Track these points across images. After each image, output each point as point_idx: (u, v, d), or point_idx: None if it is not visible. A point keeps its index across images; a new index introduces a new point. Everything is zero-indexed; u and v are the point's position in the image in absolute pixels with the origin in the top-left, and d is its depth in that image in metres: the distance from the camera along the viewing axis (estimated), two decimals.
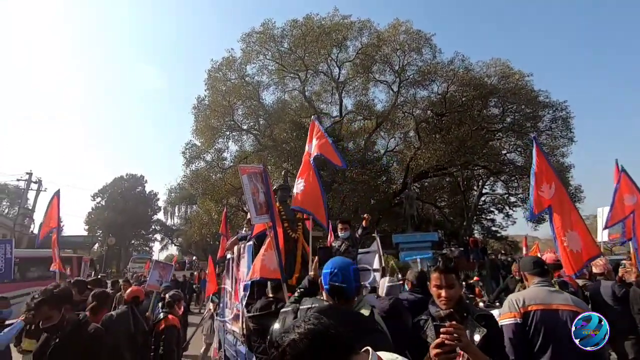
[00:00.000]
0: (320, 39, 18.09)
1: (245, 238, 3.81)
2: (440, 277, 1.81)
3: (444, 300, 1.79)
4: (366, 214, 4.49)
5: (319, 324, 0.93)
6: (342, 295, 1.74)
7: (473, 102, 18.14)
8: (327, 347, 0.89)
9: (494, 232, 27.00)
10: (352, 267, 1.82)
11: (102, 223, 48.53)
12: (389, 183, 20.10)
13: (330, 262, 1.83)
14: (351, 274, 1.78)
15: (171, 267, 6.35)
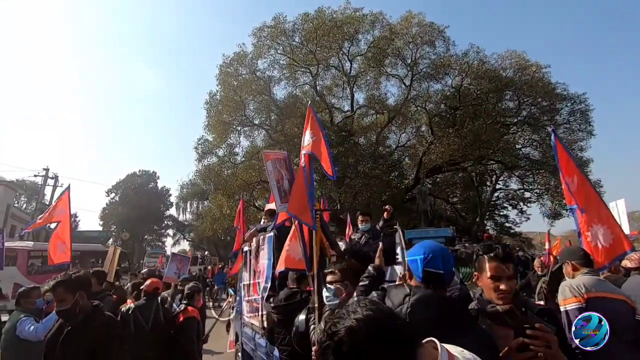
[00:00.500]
0: (331, 32, 17.91)
1: (265, 230, 3.75)
2: (499, 267, 1.55)
3: (503, 294, 1.53)
4: (388, 205, 4.39)
5: (378, 310, 0.82)
6: (440, 283, 1.56)
7: (488, 96, 17.77)
8: (389, 338, 0.78)
9: (507, 228, 26.55)
10: (448, 251, 1.66)
11: (117, 218, 49.41)
12: (401, 178, 19.89)
13: (420, 246, 1.65)
14: (450, 260, 1.62)
15: (188, 260, 6.38)
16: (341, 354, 0.76)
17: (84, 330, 2.07)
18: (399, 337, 0.81)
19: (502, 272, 1.55)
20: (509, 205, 25.10)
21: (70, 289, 2.14)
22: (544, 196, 20.14)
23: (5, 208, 30.80)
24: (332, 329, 0.81)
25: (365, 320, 0.79)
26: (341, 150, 16.93)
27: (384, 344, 0.78)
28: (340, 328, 0.79)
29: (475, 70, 17.67)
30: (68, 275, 2.21)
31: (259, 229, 3.89)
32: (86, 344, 2.02)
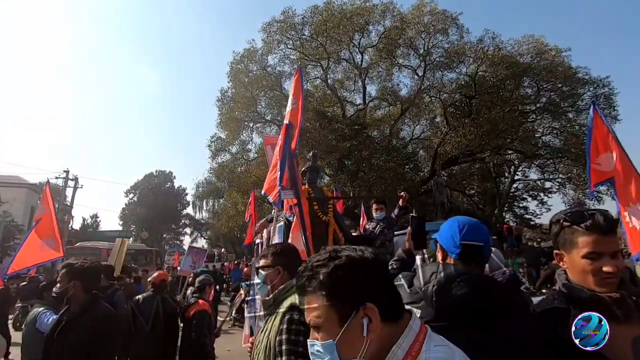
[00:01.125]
0: (341, 24, 17.67)
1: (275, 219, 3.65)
2: (600, 241, 1.15)
3: (609, 278, 1.15)
4: (403, 192, 4.20)
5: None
6: (480, 258, 1.35)
7: (505, 83, 17.20)
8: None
9: (527, 220, 25.83)
10: (481, 223, 1.44)
11: (136, 218, 50.66)
12: (416, 171, 19.55)
13: (452, 220, 1.45)
14: (485, 231, 1.40)
15: (204, 253, 6.37)
16: (334, 277, 0.78)
17: (79, 322, 2.03)
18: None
19: (605, 247, 1.15)
20: (529, 196, 24.44)
21: (68, 276, 2.12)
22: (566, 185, 19.46)
23: (30, 210, 31.85)
24: (335, 253, 0.81)
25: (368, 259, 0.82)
26: (354, 143, 16.73)
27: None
28: (343, 254, 0.81)
29: (491, 57, 17.11)
30: (71, 264, 2.20)
31: (269, 219, 3.79)
32: (81, 336, 1.97)
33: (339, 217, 4.33)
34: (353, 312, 0.76)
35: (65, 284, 2.10)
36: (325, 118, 18.24)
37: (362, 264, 0.80)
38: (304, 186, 4.31)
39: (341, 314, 0.76)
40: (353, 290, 0.77)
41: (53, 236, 4.56)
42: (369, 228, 4.31)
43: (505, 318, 1.18)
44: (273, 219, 3.51)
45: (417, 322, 0.82)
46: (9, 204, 24.18)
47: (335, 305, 0.77)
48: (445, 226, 1.46)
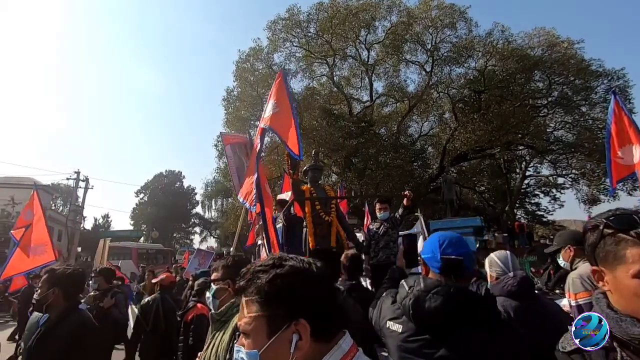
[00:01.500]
0: (347, 20, 17.47)
1: (275, 220, 3.54)
2: None
3: None
4: (407, 191, 4.04)
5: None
6: (460, 272, 1.38)
7: (515, 77, 16.81)
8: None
9: (539, 216, 25.35)
10: (462, 237, 1.49)
11: (146, 218, 51.21)
12: (425, 168, 19.29)
13: (434, 236, 1.49)
14: (466, 244, 1.44)
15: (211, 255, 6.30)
16: (273, 285, 0.74)
17: (56, 329, 1.97)
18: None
19: None
20: (541, 193, 24.00)
21: (48, 282, 2.06)
22: (580, 181, 18.99)
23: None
24: (280, 261, 0.77)
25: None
26: (361, 141, 16.56)
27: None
28: (288, 264, 0.77)
29: (501, 51, 16.74)
30: (53, 269, 2.14)
31: None
32: (57, 344, 1.91)
33: (342, 217, 4.21)
34: (284, 326, 0.71)
35: (45, 291, 2.04)
36: (332, 116, 18.09)
37: (305, 277, 0.76)
38: (306, 186, 4.20)
39: (272, 325, 0.72)
40: (289, 303, 0.73)
41: (45, 241, 4.53)
42: (373, 228, 4.17)
43: (482, 329, 1.20)
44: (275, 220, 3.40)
45: (347, 342, 0.78)
46: (21, 205, 24.57)
47: (268, 315, 0.73)
48: (427, 242, 1.51)
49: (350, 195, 10.00)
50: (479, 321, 1.22)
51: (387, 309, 1.44)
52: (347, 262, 2.71)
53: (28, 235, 4.62)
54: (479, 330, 1.20)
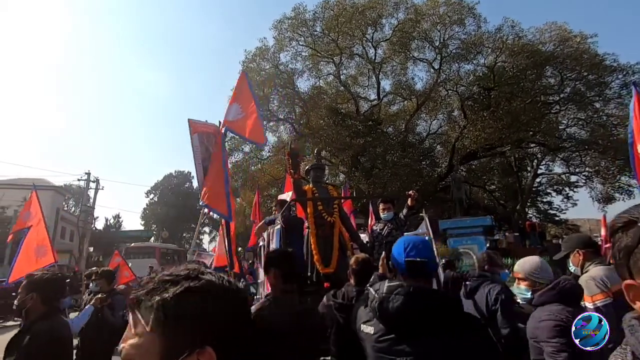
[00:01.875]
0: (353, 18, 17.33)
1: (273, 222, 3.43)
2: None
3: None
4: (412, 191, 3.89)
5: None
6: (423, 273, 1.46)
7: (526, 73, 16.44)
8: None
9: (551, 215, 24.83)
10: (427, 241, 1.63)
11: (157, 218, 51.78)
12: (433, 167, 19.02)
13: (400, 240, 1.56)
14: (430, 247, 1.55)
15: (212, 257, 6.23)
16: (182, 300, 0.58)
17: (27, 334, 1.91)
18: None
19: None
20: (553, 191, 23.51)
21: (26, 288, 2.02)
22: (594, 179, 18.51)
23: (55, 212, 32.95)
24: (195, 273, 0.63)
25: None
26: (368, 140, 16.40)
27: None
28: (204, 277, 0.63)
29: (511, 46, 16.40)
30: (31, 275, 2.10)
31: (267, 221, 3.58)
32: (27, 349, 1.84)
33: (346, 218, 4.08)
34: (185, 353, 0.56)
35: (23, 296, 1.99)
36: (339, 115, 17.96)
37: (222, 296, 0.62)
38: (308, 186, 4.09)
39: (169, 349, 0.57)
40: (196, 325, 0.58)
41: (44, 243, 4.49)
42: (377, 229, 4.03)
43: (448, 330, 1.25)
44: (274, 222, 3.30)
45: None
46: None
47: (167, 336, 0.57)
48: (395, 246, 1.55)
49: (353, 196, 9.82)
50: (445, 322, 1.27)
51: (361, 312, 1.54)
52: (356, 266, 2.52)
53: (30, 237, 4.60)
54: (443, 330, 1.25)
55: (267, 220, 3.58)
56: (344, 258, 3.68)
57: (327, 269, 3.54)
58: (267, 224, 3.51)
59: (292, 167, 3.63)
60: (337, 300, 2.30)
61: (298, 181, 3.71)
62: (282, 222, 2.94)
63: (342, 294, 2.36)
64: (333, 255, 3.63)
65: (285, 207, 3.24)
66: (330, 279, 3.51)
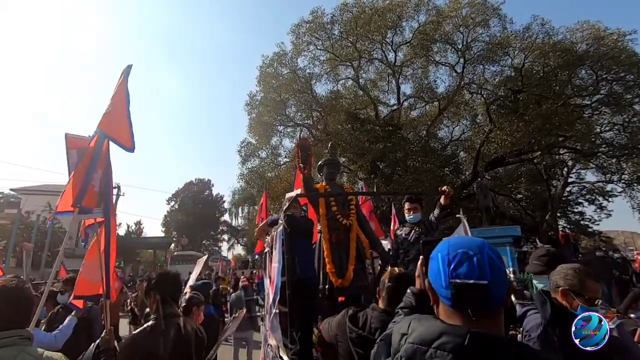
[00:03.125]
0: (372, 20, 16.90)
1: (277, 222, 2.93)
2: None
3: None
4: (446, 187, 3.27)
5: None
6: (483, 305, 0.82)
7: (557, 73, 15.49)
8: None
9: (584, 226, 23.33)
10: (488, 248, 0.87)
11: (177, 225, 52.50)
12: (457, 173, 18.14)
13: (443, 245, 0.92)
14: (495, 260, 0.85)
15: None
16: None
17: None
18: None
19: None
20: (585, 201, 22.09)
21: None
22: (634, 186, 17.19)
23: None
24: None
25: None
26: (388, 145, 15.80)
27: None
28: None
29: (540, 46, 15.50)
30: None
31: (270, 221, 3.06)
32: None
33: (364, 220, 3.52)
34: None
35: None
36: (358, 120, 17.47)
37: None
38: (321, 184, 3.58)
39: None
40: None
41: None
42: (401, 234, 3.42)
43: None
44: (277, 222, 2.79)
45: None
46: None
47: None
48: (436, 252, 0.94)
49: (371, 192, 8.93)
50: None
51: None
52: (391, 282, 1.86)
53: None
54: None
55: (270, 221, 3.07)
56: (361, 268, 3.14)
57: (341, 280, 2.99)
58: (270, 224, 3.01)
59: (301, 161, 3.12)
60: (356, 330, 1.72)
61: (308, 178, 3.20)
62: (284, 222, 2.42)
63: (364, 320, 1.77)
64: (349, 265, 3.08)
65: (290, 204, 2.72)
66: (346, 293, 2.96)
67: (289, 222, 2.46)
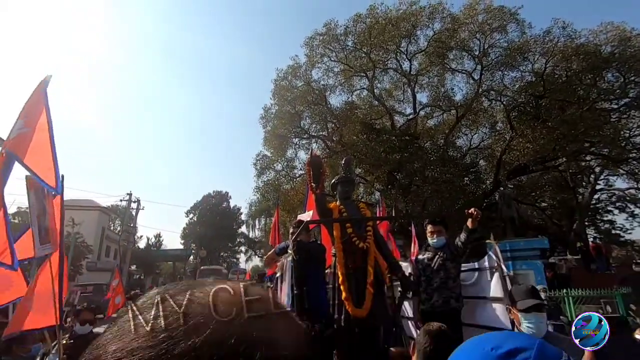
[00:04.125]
0: (386, 30, 16.77)
1: (286, 250, 2.69)
2: None
3: None
4: (473, 209, 2.97)
5: None
6: None
7: (581, 77, 14.88)
8: None
9: (614, 236, 22.13)
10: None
11: (196, 237, 53.01)
12: (478, 182, 17.56)
13: (478, 341, 0.62)
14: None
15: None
16: None
17: None
18: None
19: None
20: (615, 208, 21.01)
21: None
22: None
23: (101, 231, 34.52)
24: None
25: None
26: (405, 155, 15.46)
27: None
28: None
29: (563, 49, 14.96)
30: None
31: (279, 250, 2.84)
32: None
33: (382, 244, 3.25)
34: None
35: None
36: (373, 131, 17.23)
37: None
38: (334, 203, 3.35)
39: None
40: None
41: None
42: (424, 259, 3.12)
43: None
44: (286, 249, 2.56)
45: None
46: (80, 226, 26.14)
47: None
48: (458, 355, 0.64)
49: (390, 216, 8.67)
50: None
51: None
52: (428, 341, 1.50)
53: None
54: None
55: (279, 249, 2.85)
56: (380, 296, 2.87)
57: (359, 310, 2.73)
58: (279, 253, 2.79)
59: (313, 179, 2.90)
60: None
61: (321, 197, 2.97)
62: (293, 251, 2.19)
63: None
64: (367, 293, 2.81)
65: (300, 230, 2.49)
66: (363, 324, 2.70)
67: (298, 249, 2.23)
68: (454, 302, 2.77)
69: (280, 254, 2.74)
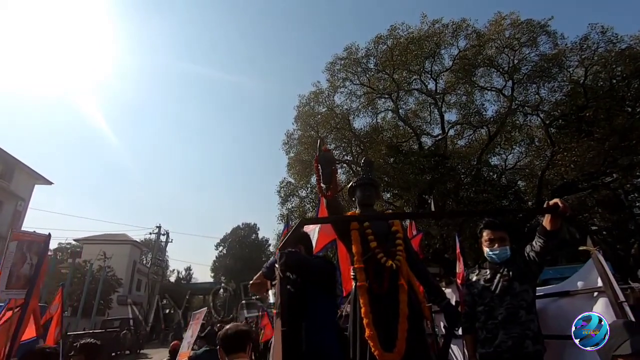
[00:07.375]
0: (409, 50, 16.39)
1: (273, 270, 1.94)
2: None
3: None
4: (557, 199, 2.10)
5: None
6: None
7: (628, 83, 13.65)
8: None
9: None
10: None
11: (225, 269, 53.04)
12: (518, 203, 16.15)
13: None
14: None
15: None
16: None
17: None
18: None
19: None
20: None
21: None
22: None
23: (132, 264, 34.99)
24: None
25: None
26: (436, 177, 14.51)
27: None
28: None
29: (604, 55, 13.89)
30: None
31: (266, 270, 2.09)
32: None
33: (417, 260, 2.46)
34: None
35: None
36: (400, 153, 16.49)
37: None
38: (353, 211, 2.65)
39: None
40: None
41: None
42: (479, 280, 2.23)
43: None
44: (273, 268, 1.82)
45: None
46: (111, 260, 26.46)
47: None
48: None
49: (426, 212, 7.26)
50: None
51: None
52: None
53: None
54: None
55: (266, 269, 2.09)
56: (418, 334, 2.07)
57: (389, 355, 1.93)
58: (266, 274, 2.04)
59: (323, 179, 2.23)
60: None
61: (333, 201, 2.28)
62: (279, 265, 1.47)
63: None
64: (399, 329, 2.02)
65: (291, 232, 1.70)
66: None
67: (291, 263, 1.51)
68: (530, 345, 1.80)
69: (268, 276, 2.01)
